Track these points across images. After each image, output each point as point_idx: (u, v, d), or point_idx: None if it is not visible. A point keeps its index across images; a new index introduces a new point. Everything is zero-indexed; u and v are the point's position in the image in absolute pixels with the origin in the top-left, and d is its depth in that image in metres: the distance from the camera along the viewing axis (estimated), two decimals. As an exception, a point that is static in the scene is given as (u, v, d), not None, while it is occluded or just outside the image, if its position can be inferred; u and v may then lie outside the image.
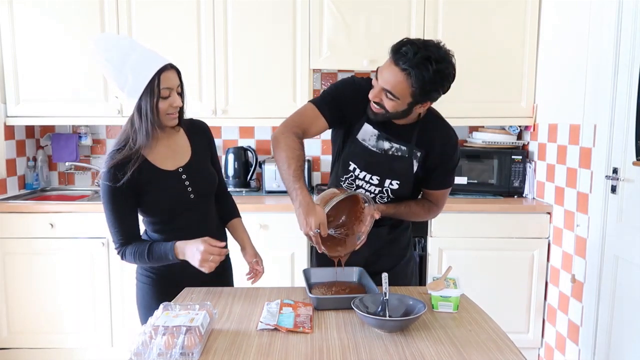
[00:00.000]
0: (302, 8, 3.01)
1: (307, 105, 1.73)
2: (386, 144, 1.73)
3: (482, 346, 1.29)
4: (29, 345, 3.01)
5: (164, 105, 1.58)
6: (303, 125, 1.69)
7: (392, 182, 1.75)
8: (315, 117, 1.70)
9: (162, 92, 1.56)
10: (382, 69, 1.57)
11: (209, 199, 1.81)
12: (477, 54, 3.04)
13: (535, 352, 3.04)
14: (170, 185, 1.67)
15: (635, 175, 2.20)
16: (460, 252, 2.92)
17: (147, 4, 3.01)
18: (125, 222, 1.64)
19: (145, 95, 1.54)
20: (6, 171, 3.18)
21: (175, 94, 1.60)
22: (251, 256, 1.86)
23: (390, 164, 1.73)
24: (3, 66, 3.08)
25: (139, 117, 1.57)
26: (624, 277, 2.28)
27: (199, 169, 1.74)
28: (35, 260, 2.92)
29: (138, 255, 1.62)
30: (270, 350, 1.26)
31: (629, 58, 2.22)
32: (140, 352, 1.19)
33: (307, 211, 1.52)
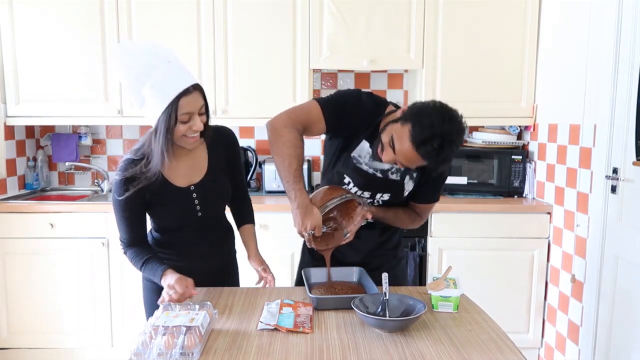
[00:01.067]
0: (302, 8, 3.01)
1: (313, 103, 1.66)
2: (386, 165, 1.69)
3: (482, 346, 1.29)
4: (29, 345, 3.01)
5: (181, 129, 1.51)
6: (305, 123, 1.64)
7: (384, 195, 1.76)
8: (318, 118, 1.64)
9: (181, 117, 1.49)
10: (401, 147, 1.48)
11: (217, 212, 1.79)
12: (477, 54, 3.05)
13: (535, 352, 3.04)
14: (179, 203, 1.65)
15: (635, 175, 2.20)
16: (460, 252, 2.92)
17: (147, 3, 3.01)
18: (133, 228, 1.64)
19: (162, 118, 1.48)
20: (6, 171, 3.18)
21: (196, 117, 1.52)
22: (257, 264, 1.83)
23: (383, 182, 1.73)
24: (3, 66, 3.08)
25: (154, 138, 1.52)
26: (624, 277, 2.28)
27: (212, 186, 1.70)
28: (35, 260, 2.92)
29: (134, 262, 1.65)
30: (270, 350, 1.26)
31: (629, 58, 2.22)
32: (140, 352, 1.19)
33: (305, 213, 1.54)
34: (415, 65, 3.07)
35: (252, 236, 1.89)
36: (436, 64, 3.06)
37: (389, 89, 3.47)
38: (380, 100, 1.70)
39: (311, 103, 1.67)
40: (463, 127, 1.49)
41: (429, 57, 3.05)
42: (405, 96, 3.47)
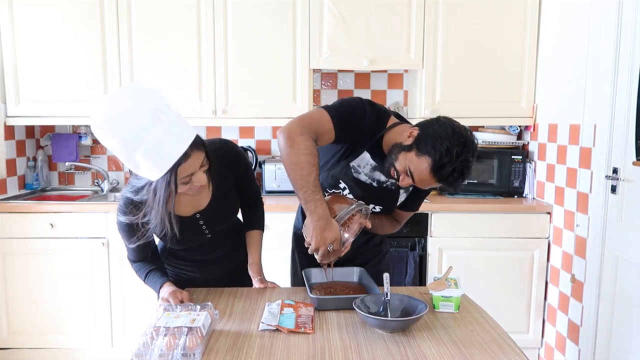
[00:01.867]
0: (302, 8, 3.01)
1: (323, 113, 1.58)
2: (383, 177, 1.70)
3: (484, 346, 1.29)
4: (29, 345, 3.01)
5: (184, 189, 1.43)
6: (318, 133, 1.57)
7: (376, 207, 1.77)
8: (329, 129, 1.58)
9: (182, 180, 1.39)
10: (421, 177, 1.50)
11: (226, 229, 1.77)
12: (477, 54, 3.05)
13: (535, 352, 3.04)
14: (185, 230, 1.60)
15: (635, 175, 2.20)
16: (460, 252, 2.92)
17: (147, 3, 3.00)
18: (139, 254, 1.66)
19: (161, 184, 1.36)
20: (6, 171, 3.17)
21: (198, 174, 1.42)
22: (254, 273, 1.77)
23: (378, 194, 1.73)
24: (3, 66, 3.07)
25: (153, 199, 1.39)
26: (624, 277, 2.28)
27: (218, 209, 1.66)
28: (35, 260, 2.92)
29: (139, 274, 1.68)
30: (272, 351, 1.26)
31: (629, 58, 2.22)
32: (142, 353, 1.19)
33: (325, 226, 1.47)
34: (415, 65, 3.07)
35: (256, 243, 1.82)
36: (436, 64, 3.07)
37: (389, 89, 3.47)
38: (382, 112, 1.66)
39: (322, 113, 1.59)
40: (476, 145, 1.51)
41: (429, 57, 3.05)
42: (405, 96, 3.47)
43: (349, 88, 3.48)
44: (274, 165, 3.17)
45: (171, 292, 1.53)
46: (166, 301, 1.51)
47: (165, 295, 1.53)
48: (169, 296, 1.52)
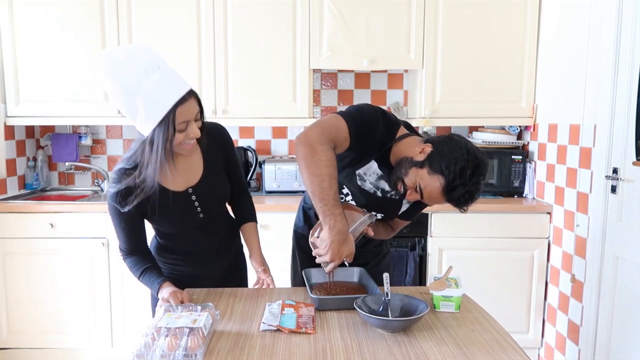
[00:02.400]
0: (302, 8, 3.01)
1: (341, 121, 1.55)
2: (387, 187, 1.69)
3: (486, 346, 1.29)
4: (29, 345, 3.01)
5: (179, 138, 1.46)
6: (336, 141, 1.54)
7: (377, 215, 1.76)
8: (345, 138, 1.56)
9: (178, 126, 1.43)
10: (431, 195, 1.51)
11: (219, 212, 1.78)
12: (477, 54, 3.05)
13: (535, 352, 3.04)
14: (178, 206, 1.62)
15: (635, 175, 2.20)
16: (460, 252, 2.92)
17: (147, 3, 3.00)
18: (131, 238, 1.64)
19: (158, 129, 1.41)
20: (6, 171, 3.17)
21: (192, 124, 1.47)
22: (258, 264, 1.79)
23: (380, 203, 1.72)
24: (3, 66, 3.07)
25: (150, 149, 1.45)
26: (624, 277, 2.29)
27: (210, 186, 1.68)
28: (35, 260, 2.92)
29: (133, 271, 1.65)
30: (273, 351, 1.26)
31: (629, 58, 2.22)
32: (143, 353, 1.19)
33: (343, 241, 1.47)
34: (415, 65, 3.07)
35: (255, 234, 1.85)
36: (436, 64, 3.07)
37: (389, 89, 3.47)
38: (392, 122, 1.64)
39: (339, 121, 1.55)
40: (487, 167, 1.51)
41: (429, 57, 3.05)
42: (405, 96, 3.47)
43: (349, 88, 3.48)
44: (274, 165, 3.17)
45: (171, 293, 1.52)
46: (166, 302, 1.50)
47: (166, 295, 1.53)
48: (169, 297, 1.51)
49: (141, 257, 1.65)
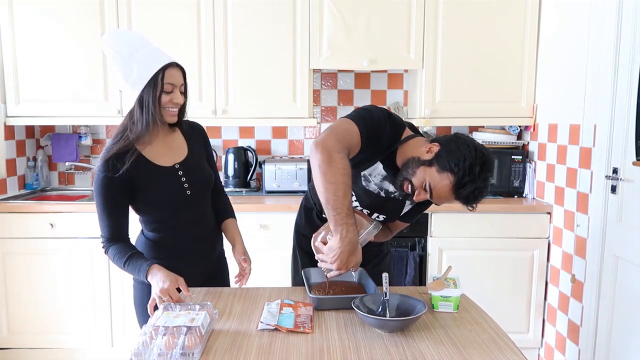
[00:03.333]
0: (302, 8, 3.01)
1: (353, 126, 1.55)
2: (391, 188, 1.69)
3: (483, 346, 1.29)
4: (29, 345, 3.01)
5: (165, 99, 1.61)
6: (350, 147, 1.54)
7: (380, 216, 1.77)
8: (357, 143, 1.56)
9: (165, 86, 1.59)
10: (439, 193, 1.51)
11: (205, 197, 1.82)
12: (477, 54, 3.05)
13: (535, 352, 3.04)
14: (166, 181, 1.68)
15: (635, 175, 2.20)
16: (460, 252, 2.92)
17: (147, 4, 3.01)
18: (116, 218, 1.63)
19: (148, 88, 1.58)
20: (6, 171, 3.18)
21: (177, 92, 1.64)
22: (239, 254, 1.85)
23: (384, 203, 1.73)
24: (3, 66, 3.08)
25: (140, 109, 1.60)
26: (624, 277, 2.28)
27: (195, 166, 1.76)
28: (35, 260, 2.92)
29: (117, 259, 1.63)
30: (270, 351, 1.26)
31: (629, 58, 2.22)
32: (141, 352, 1.19)
33: (352, 252, 1.48)
34: (415, 65, 3.07)
35: (236, 228, 1.92)
36: (436, 64, 3.07)
37: (389, 89, 3.47)
38: (398, 124, 1.64)
39: (352, 125, 1.55)
40: (493, 163, 1.53)
41: (429, 57, 3.05)
42: (405, 96, 3.47)
43: (349, 88, 3.48)
44: (274, 165, 3.17)
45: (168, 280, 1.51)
46: (165, 294, 1.48)
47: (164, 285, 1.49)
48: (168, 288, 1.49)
49: (125, 244, 1.65)
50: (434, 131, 3.43)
